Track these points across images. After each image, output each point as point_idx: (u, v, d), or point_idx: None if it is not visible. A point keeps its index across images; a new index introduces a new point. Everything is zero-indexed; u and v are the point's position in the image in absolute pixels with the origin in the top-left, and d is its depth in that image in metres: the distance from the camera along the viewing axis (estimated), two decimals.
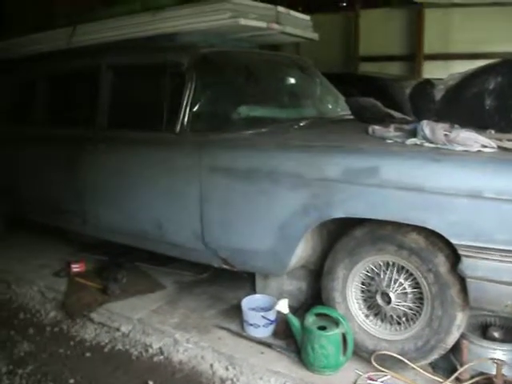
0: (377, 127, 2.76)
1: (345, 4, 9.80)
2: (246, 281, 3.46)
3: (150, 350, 2.94)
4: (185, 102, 3.05)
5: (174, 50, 3.35)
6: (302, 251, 2.71)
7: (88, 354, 2.96)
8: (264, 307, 3.00)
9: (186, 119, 3.04)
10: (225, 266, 2.97)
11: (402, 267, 2.47)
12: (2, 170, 4.32)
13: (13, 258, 4.31)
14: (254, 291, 3.34)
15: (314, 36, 4.11)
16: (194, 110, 3.06)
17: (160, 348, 2.94)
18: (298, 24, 3.90)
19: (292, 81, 4.02)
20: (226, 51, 3.56)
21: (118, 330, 3.16)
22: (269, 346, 2.80)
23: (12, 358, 2.96)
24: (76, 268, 3.89)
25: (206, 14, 3.29)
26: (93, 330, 3.21)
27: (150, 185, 3.17)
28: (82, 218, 3.67)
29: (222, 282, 3.55)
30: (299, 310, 3.01)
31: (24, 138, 4.12)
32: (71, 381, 2.71)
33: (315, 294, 3.02)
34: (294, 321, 2.67)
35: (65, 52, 4.02)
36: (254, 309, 2.97)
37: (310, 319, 2.61)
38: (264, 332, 2.88)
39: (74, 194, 3.65)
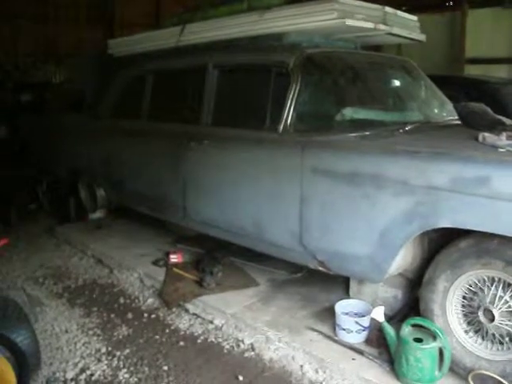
0: (487, 135, 2.63)
1: (451, 3, 9.40)
2: (340, 284, 3.43)
3: (242, 346, 3.00)
4: (289, 102, 3.07)
5: (279, 50, 3.38)
6: (402, 259, 2.64)
7: (182, 343, 3.06)
8: (358, 312, 2.96)
9: (289, 119, 3.05)
10: (321, 269, 2.96)
11: (509, 284, 2.34)
12: (109, 161, 4.57)
13: (115, 246, 4.56)
14: (347, 295, 3.30)
15: (421, 37, 3.98)
16: (298, 110, 3.07)
17: (251, 344, 2.99)
18: (405, 25, 3.79)
19: (397, 83, 3.92)
20: (331, 52, 3.54)
21: (211, 322, 3.25)
22: (360, 352, 2.75)
23: (111, 339, 3.13)
24: (174, 259, 4.04)
25: (313, 14, 3.27)
26: (187, 321, 3.32)
27: (251, 182, 3.22)
28: (182, 212, 3.80)
29: (314, 283, 3.54)
30: (393, 318, 2.94)
31: (131, 132, 4.33)
32: (165, 367, 2.83)
33: (411, 304, 2.94)
34: (389, 330, 2.61)
35: (173, 50, 4.18)
36: (347, 313, 2.94)
37: (406, 330, 2.54)
38: (356, 338, 2.84)
39: (176, 188, 3.78)
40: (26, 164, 6.36)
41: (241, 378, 2.71)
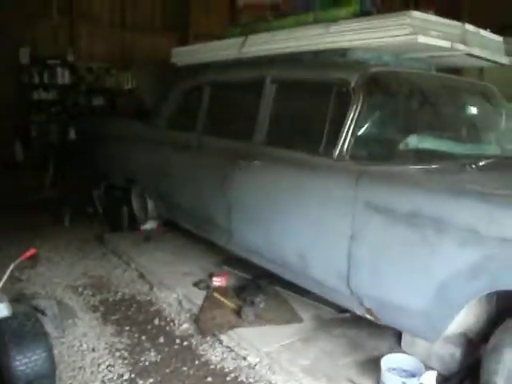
0: None
1: None
2: (392, 331, 3.05)
3: None
4: (347, 125, 2.78)
5: (341, 66, 3.11)
6: (463, 319, 2.26)
7: (209, 379, 2.81)
8: (407, 370, 2.59)
9: (346, 144, 2.76)
10: (368, 317, 2.62)
11: None
12: (159, 172, 4.43)
13: (160, 261, 4.41)
14: (398, 345, 2.94)
15: (505, 60, 3.57)
16: (356, 134, 2.78)
17: None
18: (488, 45, 3.40)
19: (473, 111, 3.52)
20: (399, 72, 3.22)
21: (244, 359, 2.98)
22: None
23: (137, 365, 2.93)
24: (217, 282, 3.83)
25: (382, 28, 2.97)
26: (220, 353, 3.07)
27: (299, 211, 2.94)
28: (227, 235, 3.58)
29: (364, 326, 3.18)
30: (448, 381, 2.55)
31: (182, 144, 4.18)
32: None
33: (471, 367, 2.53)
34: None
35: (232, 62, 4.00)
36: (394, 369, 2.58)
37: None
38: None
39: (221, 209, 3.56)
40: (88, 167, 6.41)
41: None
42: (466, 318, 2.30)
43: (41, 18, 9.09)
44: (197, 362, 2.98)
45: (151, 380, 2.78)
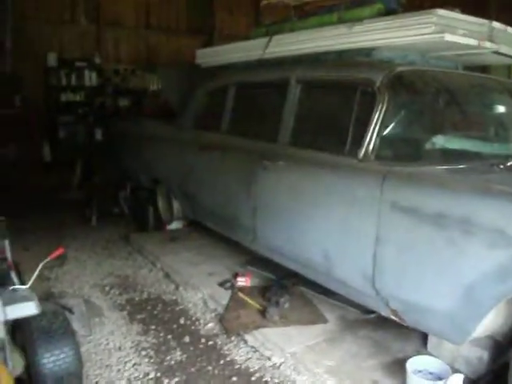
0: None
1: None
2: (418, 333, 3.01)
3: None
4: (372, 125, 2.75)
5: (366, 66, 3.08)
6: (490, 321, 2.22)
7: (234, 379, 2.82)
8: (433, 372, 2.56)
9: (371, 144, 2.74)
10: (393, 318, 2.60)
11: None
12: (184, 172, 4.47)
13: (185, 261, 4.43)
14: (424, 347, 2.91)
15: None
16: (382, 134, 2.74)
17: None
18: None
19: (502, 110, 3.44)
20: (425, 70, 3.17)
21: (269, 359, 2.98)
22: None
23: (163, 364, 2.96)
24: (241, 281, 3.84)
25: (407, 27, 2.95)
26: (245, 353, 3.08)
27: (323, 211, 2.92)
28: (252, 235, 3.58)
29: (389, 327, 3.15)
30: None
31: (207, 145, 4.19)
32: None
33: (498, 371, 2.49)
34: None
35: (257, 62, 4.00)
36: (420, 371, 2.56)
37: None
38: None
39: (246, 209, 3.56)
40: (114, 167, 6.50)
41: None
42: (493, 321, 2.26)
43: (69, 24, 9.27)
44: (222, 362, 2.99)
45: (177, 379, 2.81)
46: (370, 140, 2.74)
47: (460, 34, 2.89)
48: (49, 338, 2.40)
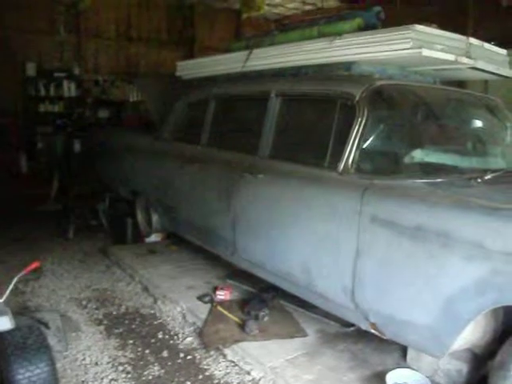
0: None
1: None
2: (397, 346, 3.01)
3: None
4: (352, 139, 2.77)
5: (346, 79, 3.10)
6: (469, 334, 2.23)
7: None
8: None
9: (351, 157, 2.75)
10: (373, 331, 2.59)
11: None
12: (162, 185, 4.43)
13: (164, 274, 4.39)
14: (404, 360, 2.91)
15: (510, 73, 3.56)
16: (361, 148, 2.76)
17: None
18: (492, 59, 3.39)
19: (478, 123, 3.50)
20: (403, 85, 3.21)
21: (248, 373, 2.95)
22: None
23: (140, 379, 2.91)
24: (220, 295, 3.82)
25: (386, 42, 2.97)
26: (224, 368, 3.04)
27: (303, 224, 2.92)
28: (232, 248, 3.56)
29: (369, 340, 3.15)
30: None
31: (185, 157, 4.17)
32: None
33: (478, 382, 2.50)
34: None
35: (237, 76, 4.00)
36: None
37: None
38: None
39: (226, 222, 3.54)
40: (92, 179, 6.43)
41: None
42: (472, 334, 2.27)
43: (48, 34, 9.20)
44: (200, 377, 2.95)
45: None
46: (350, 153, 2.76)
47: (437, 50, 2.93)
48: (23, 353, 2.35)
